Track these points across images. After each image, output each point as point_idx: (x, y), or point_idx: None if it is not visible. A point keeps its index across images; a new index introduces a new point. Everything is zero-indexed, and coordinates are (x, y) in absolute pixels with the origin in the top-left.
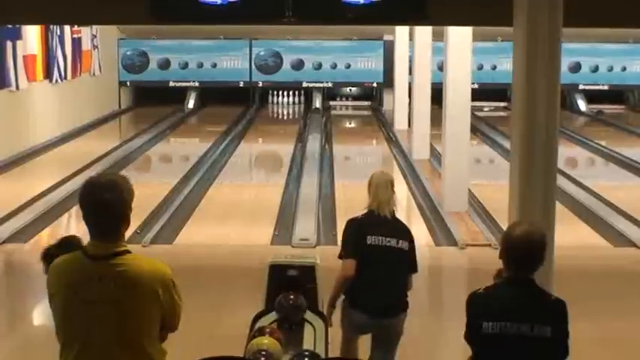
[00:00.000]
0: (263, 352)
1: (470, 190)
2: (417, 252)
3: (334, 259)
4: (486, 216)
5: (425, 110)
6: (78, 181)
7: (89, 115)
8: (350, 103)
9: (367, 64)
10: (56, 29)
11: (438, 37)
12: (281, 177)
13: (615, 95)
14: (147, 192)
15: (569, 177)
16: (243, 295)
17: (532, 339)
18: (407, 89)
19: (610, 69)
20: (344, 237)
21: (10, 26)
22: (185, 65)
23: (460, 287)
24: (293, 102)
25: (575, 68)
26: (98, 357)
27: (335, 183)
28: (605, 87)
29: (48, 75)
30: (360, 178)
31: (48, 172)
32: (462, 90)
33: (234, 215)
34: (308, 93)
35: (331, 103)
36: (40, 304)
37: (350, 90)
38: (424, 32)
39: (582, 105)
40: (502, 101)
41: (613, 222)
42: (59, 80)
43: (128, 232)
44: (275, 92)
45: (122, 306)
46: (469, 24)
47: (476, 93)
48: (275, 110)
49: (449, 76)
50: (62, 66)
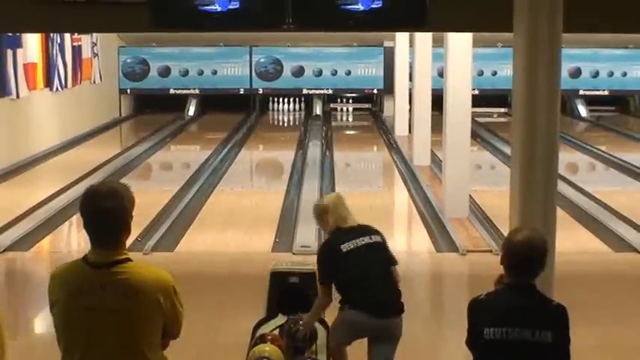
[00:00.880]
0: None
1: (471, 196)
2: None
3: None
4: (487, 222)
5: (425, 116)
6: (79, 189)
7: (90, 123)
8: (350, 107)
9: (367, 71)
10: (56, 37)
11: (438, 44)
12: (282, 184)
13: (616, 100)
14: (148, 200)
15: (569, 182)
16: (244, 303)
17: (533, 344)
18: (407, 95)
19: (610, 74)
20: (318, 261)
21: (11, 34)
22: (185, 73)
23: (461, 293)
24: (293, 109)
25: (575, 74)
26: None
27: (336, 190)
28: (605, 92)
29: (48, 83)
30: (361, 185)
31: (49, 180)
32: (463, 96)
33: (235, 222)
34: (308, 100)
35: (332, 105)
36: (42, 312)
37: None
38: (424, 38)
39: (583, 110)
40: (502, 107)
41: (614, 227)
42: (60, 88)
43: (129, 240)
44: (275, 99)
45: (124, 314)
46: (469, 30)
47: (476, 99)
48: (275, 117)
49: (449, 82)
50: (62, 74)
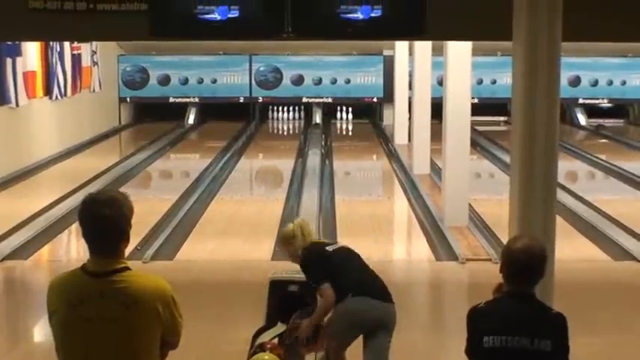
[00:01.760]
0: None
1: (470, 205)
2: None
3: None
4: (487, 230)
5: (425, 125)
6: (78, 198)
7: (89, 132)
8: (350, 124)
9: (367, 79)
10: (56, 46)
11: (438, 52)
12: (281, 192)
13: (618, 110)
14: (147, 208)
15: (569, 191)
16: (243, 311)
17: (532, 353)
18: (407, 104)
19: (610, 83)
20: (308, 265)
21: (10, 43)
22: (185, 81)
23: (461, 302)
24: (293, 117)
25: (574, 82)
26: None
27: (335, 198)
28: (605, 101)
29: (48, 92)
30: (361, 194)
31: (48, 189)
32: (462, 104)
33: (234, 231)
34: (308, 108)
35: (332, 121)
36: (41, 321)
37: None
38: (424, 47)
39: (582, 119)
40: (502, 115)
41: (613, 235)
42: (59, 97)
43: (128, 249)
44: (275, 108)
45: (122, 323)
46: (468, 39)
47: (476, 107)
48: (275, 126)
49: (449, 91)
50: (62, 82)
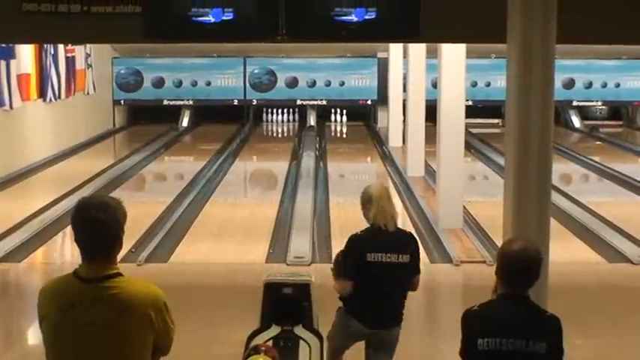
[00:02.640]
0: None
1: (464, 207)
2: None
3: (329, 277)
4: (481, 233)
5: (419, 127)
6: (72, 200)
7: (83, 134)
8: (345, 126)
9: (361, 82)
10: (50, 48)
11: (432, 54)
12: (276, 195)
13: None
14: (141, 210)
15: (563, 193)
16: (238, 314)
17: (527, 355)
18: (401, 106)
19: (604, 85)
20: (343, 253)
21: (4, 45)
22: (179, 83)
23: (455, 304)
24: (287, 120)
25: (569, 84)
26: None
27: (330, 200)
28: (599, 103)
29: (42, 94)
30: (355, 196)
31: (42, 191)
32: (456, 107)
33: (228, 233)
34: (302, 110)
35: (326, 123)
36: (35, 324)
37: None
38: (418, 49)
39: (576, 121)
40: (496, 118)
41: (607, 238)
42: (53, 99)
43: (122, 251)
44: (269, 110)
45: (114, 330)
46: (463, 41)
47: (470, 110)
48: (269, 128)
49: (443, 93)
50: (56, 85)
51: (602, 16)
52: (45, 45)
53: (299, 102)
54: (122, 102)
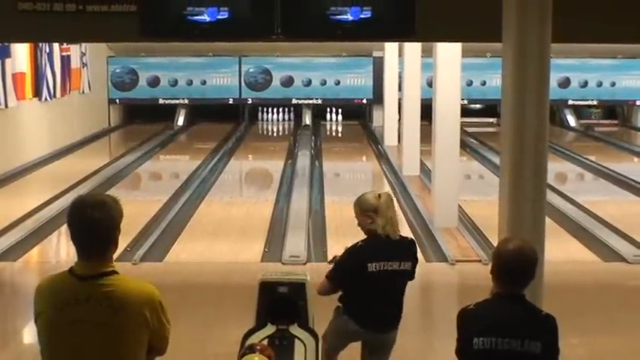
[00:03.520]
0: None
1: (460, 206)
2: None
3: (324, 276)
4: (476, 232)
5: (414, 126)
6: (68, 199)
7: (79, 133)
8: (340, 125)
9: (357, 81)
10: (45, 47)
11: (428, 53)
12: (271, 194)
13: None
14: (137, 210)
15: (558, 192)
16: (233, 313)
17: (522, 355)
18: (396, 105)
19: (599, 84)
20: (340, 262)
21: None
22: (174, 82)
23: (450, 303)
24: (283, 119)
25: (564, 84)
26: None
27: (325, 199)
28: (594, 103)
29: (37, 93)
30: (350, 195)
31: (38, 190)
32: (452, 106)
33: (224, 232)
34: (298, 110)
35: (321, 122)
36: (30, 323)
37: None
38: (413, 48)
39: (572, 120)
40: (491, 117)
41: (602, 237)
42: (48, 98)
43: (118, 250)
44: (265, 109)
45: (108, 327)
46: (458, 40)
47: (465, 109)
48: (265, 127)
49: (438, 92)
50: (51, 84)
51: (597, 15)
52: (40, 44)
53: (294, 101)
54: (117, 101)
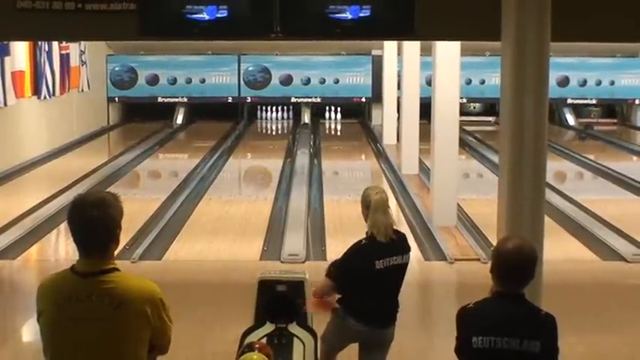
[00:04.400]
0: None
1: (459, 205)
2: None
3: (323, 275)
4: (475, 230)
5: (413, 125)
6: (67, 197)
7: (78, 131)
8: (339, 124)
9: (356, 79)
10: (44, 45)
11: (427, 52)
12: (270, 192)
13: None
14: (135, 208)
15: (557, 191)
16: (232, 311)
17: (521, 354)
18: (395, 104)
19: (598, 83)
20: (343, 260)
21: None
22: (174, 81)
23: (449, 302)
24: (282, 117)
25: (563, 82)
26: None
27: (324, 198)
28: (593, 102)
29: (36, 91)
30: (349, 194)
31: (37, 189)
32: (451, 104)
33: (223, 231)
34: (297, 108)
35: (320, 120)
36: (30, 321)
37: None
38: (412, 47)
39: (571, 119)
40: (490, 116)
41: (602, 236)
42: (47, 97)
43: (117, 249)
44: (264, 107)
45: (109, 324)
46: (457, 39)
47: (464, 107)
48: (264, 125)
49: (437, 91)
50: (50, 82)
51: (596, 14)
52: (39, 42)
53: (293, 99)
54: (116, 99)
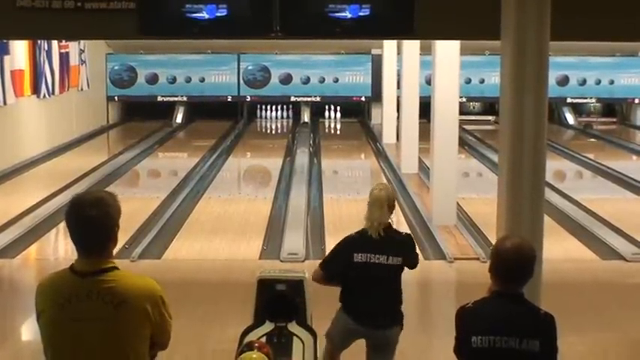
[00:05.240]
0: None
1: (458, 204)
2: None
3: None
4: (475, 230)
5: (413, 124)
6: (66, 196)
7: (77, 130)
8: (339, 123)
9: (355, 79)
10: (44, 44)
11: (426, 51)
12: (270, 191)
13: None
14: (135, 207)
15: (557, 190)
16: (232, 310)
17: (520, 353)
18: (395, 103)
19: (598, 82)
20: (332, 250)
21: None
22: (173, 80)
23: (449, 301)
24: (281, 116)
25: (563, 81)
26: None
27: (323, 197)
28: (593, 100)
29: (35, 90)
30: (349, 193)
31: (36, 188)
32: (450, 104)
33: (222, 230)
34: (296, 107)
35: (320, 119)
36: (29, 320)
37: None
38: (412, 46)
39: (570, 118)
40: (490, 115)
41: (601, 235)
42: (47, 95)
43: (116, 247)
44: (263, 106)
45: (110, 323)
46: (457, 38)
47: (464, 107)
48: (263, 124)
49: (437, 90)
50: (50, 81)
51: (596, 13)
52: (39, 41)
53: (293, 98)
54: (116, 98)
